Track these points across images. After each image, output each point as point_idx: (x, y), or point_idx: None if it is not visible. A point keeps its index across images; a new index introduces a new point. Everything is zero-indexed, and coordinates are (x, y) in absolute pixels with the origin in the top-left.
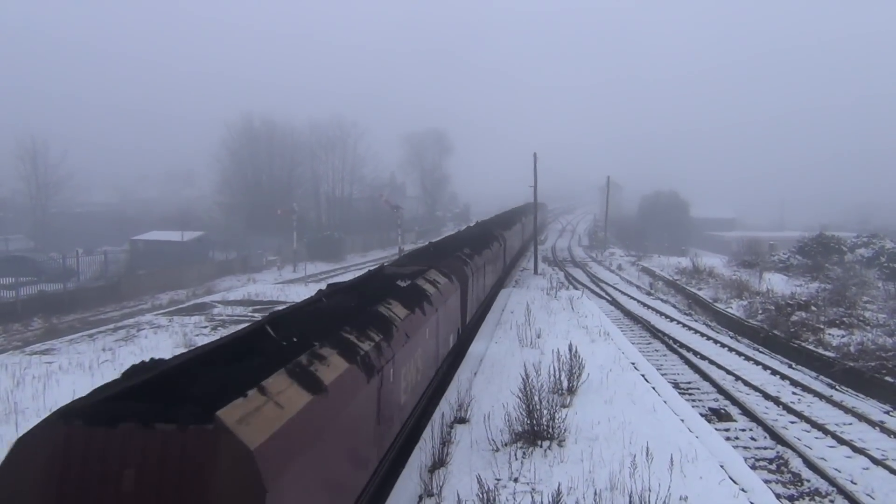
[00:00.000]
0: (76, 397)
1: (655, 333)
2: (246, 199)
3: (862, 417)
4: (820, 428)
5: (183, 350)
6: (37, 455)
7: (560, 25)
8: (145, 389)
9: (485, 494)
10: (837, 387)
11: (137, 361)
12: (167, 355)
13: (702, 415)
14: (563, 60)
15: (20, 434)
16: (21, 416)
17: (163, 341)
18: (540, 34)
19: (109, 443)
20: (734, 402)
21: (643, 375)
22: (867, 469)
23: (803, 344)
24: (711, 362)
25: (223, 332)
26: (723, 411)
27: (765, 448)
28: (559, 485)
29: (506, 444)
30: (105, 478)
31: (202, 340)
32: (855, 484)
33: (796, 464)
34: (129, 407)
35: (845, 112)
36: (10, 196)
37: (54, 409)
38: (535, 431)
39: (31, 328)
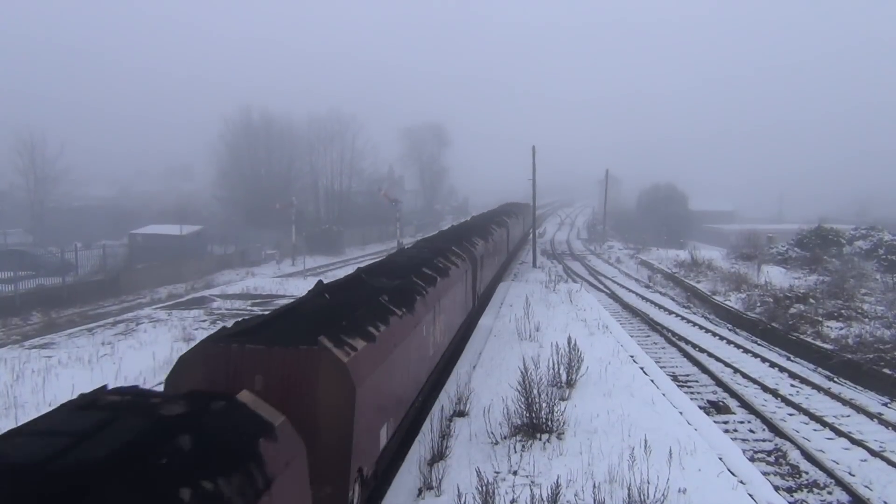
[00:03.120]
0: (76, 391)
1: (654, 326)
2: (244, 192)
3: (860, 409)
4: (818, 420)
5: (182, 343)
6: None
7: (560, 18)
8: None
9: (484, 487)
10: (835, 379)
11: (136, 355)
12: (167, 349)
13: (700, 407)
14: (562, 52)
15: None
16: (21, 410)
17: (162, 335)
18: (540, 26)
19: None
20: (733, 394)
21: (642, 368)
22: (865, 461)
23: (801, 336)
24: (710, 355)
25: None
26: (721, 403)
27: (763, 440)
28: (558, 478)
29: (505, 438)
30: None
31: (202, 334)
32: (853, 476)
33: (794, 455)
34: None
35: (843, 105)
36: (9, 190)
37: (52, 404)
38: (534, 424)
39: (29, 322)
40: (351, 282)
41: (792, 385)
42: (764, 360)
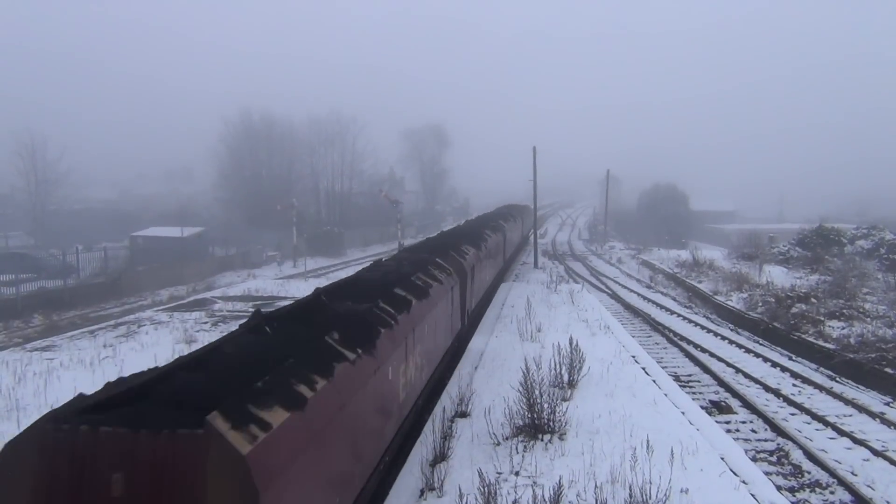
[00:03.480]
0: (77, 393)
1: (656, 326)
2: (245, 194)
3: (862, 409)
4: (820, 419)
5: (184, 346)
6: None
7: (561, 25)
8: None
9: (486, 488)
10: (837, 378)
11: (138, 357)
12: (168, 351)
13: (702, 407)
14: (563, 57)
15: (22, 429)
16: (23, 412)
17: (163, 337)
18: (542, 31)
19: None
20: (735, 394)
21: (644, 368)
22: (867, 460)
23: (803, 336)
24: (712, 355)
25: (224, 328)
26: (723, 404)
27: (765, 440)
28: (560, 478)
29: (507, 438)
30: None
31: (203, 336)
32: (855, 475)
33: (797, 455)
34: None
35: (843, 106)
36: (10, 193)
37: (54, 406)
38: (536, 425)
39: (31, 325)
40: (305, 307)
41: (794, 385)
42: (766, 359)
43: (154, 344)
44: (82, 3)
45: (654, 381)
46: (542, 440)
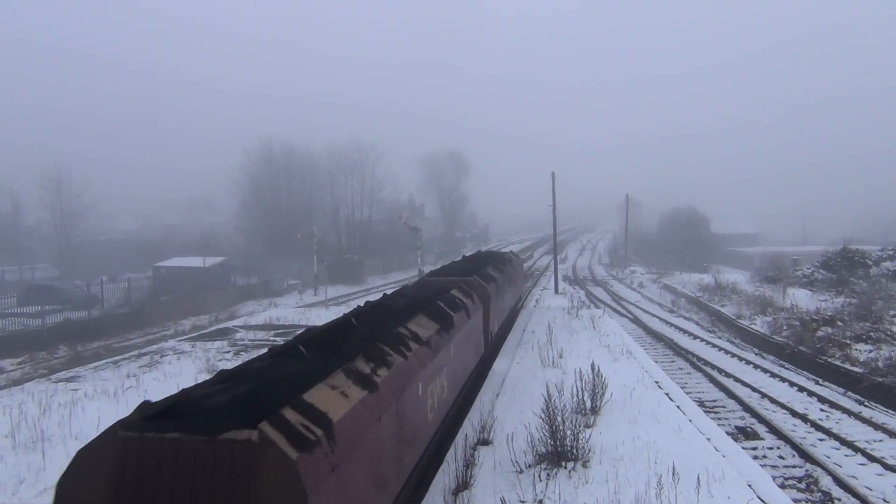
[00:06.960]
0: (101, 424)
1: (679, 351)
2: (266, 223)
3: (893, 434)
4: (850, 445)
5: (206, 375)
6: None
7: (574, 36)
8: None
9: None
10: (866, 402)
11: (161, 387)
12: (190, 381)
13: (728, 433)
14: (577, 74)
15: (47, 460)
16: (48, 443)
17: (186, 367)
18: (555, 46)
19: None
20: (761, 419)
21: (667, 394)
22: None
23: (830, 360)
24: (736, 380)
25: (246, 357)
26: (749, 429)
27: (794, 466)
28: None
29: (530, 466)
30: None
31: (225, 365)
32: (887, 502)
33: (826, 482)
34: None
35: (865, 124)
36: (36, 225)
37: (78, 436)
38: (559, 452)
39: (56, 356)
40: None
41: (821, 409)
42: (792, 384)
43: (177, 374)
44: (106, 38)
45: (678, 407)
46: (565, 468)
